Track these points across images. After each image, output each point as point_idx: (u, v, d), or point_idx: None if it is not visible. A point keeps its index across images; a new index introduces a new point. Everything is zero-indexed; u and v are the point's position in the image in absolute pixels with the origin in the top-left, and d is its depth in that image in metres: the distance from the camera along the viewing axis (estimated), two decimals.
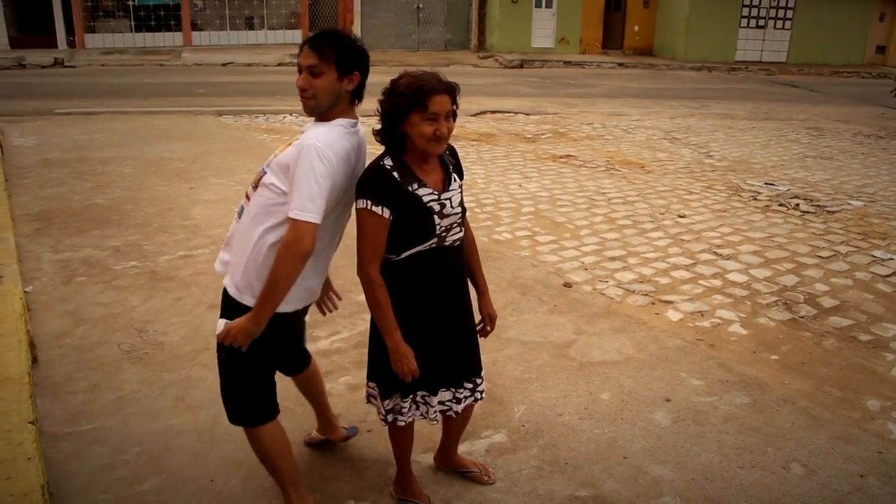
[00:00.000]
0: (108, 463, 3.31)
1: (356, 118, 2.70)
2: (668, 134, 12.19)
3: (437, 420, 2.92)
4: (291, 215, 2.43)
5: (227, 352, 2.67)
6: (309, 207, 2.42)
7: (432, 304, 2.69)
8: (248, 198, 2.69)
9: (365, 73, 2.66)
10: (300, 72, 2.59)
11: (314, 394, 3.41)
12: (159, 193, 7.68)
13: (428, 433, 3.41)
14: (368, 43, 23.61)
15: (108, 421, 3.64)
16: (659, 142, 11.48)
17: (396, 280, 2.62)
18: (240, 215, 2.72)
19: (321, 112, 2.61)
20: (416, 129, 2.50)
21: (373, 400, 2.96)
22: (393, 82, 2.56)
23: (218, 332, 2.63)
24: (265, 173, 2.63)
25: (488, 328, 3.01)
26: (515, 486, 3.23)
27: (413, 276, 2.64)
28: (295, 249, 2.43)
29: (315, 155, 2.44)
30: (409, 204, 2.55)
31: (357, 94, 2.67)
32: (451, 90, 2.54)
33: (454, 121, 2.60)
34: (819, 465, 3.42)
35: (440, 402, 2.87)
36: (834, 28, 26.75)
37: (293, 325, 2.95)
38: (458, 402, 2.92)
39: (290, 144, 2.61)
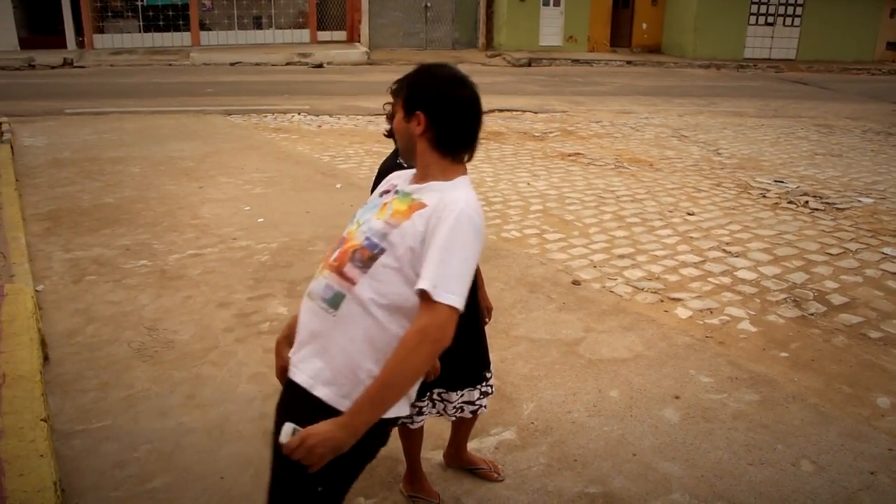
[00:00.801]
0: (118, 460, 3.33)
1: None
2: (676, 131, 12.16)
3: (454, 417, 2.93)
4: (436, 297, 1.88)
5: (288, 469, 1.98)
6: (456, 290, 1.90)
7: None
8: (342, 276, 2.03)
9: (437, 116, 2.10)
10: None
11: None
12: (168, 192, 7.72)
13: (437, 431, 3.42)
14: (376, 42, 23.62)
15: (119, 418, 3.66)
16: (667, 139, 11.45)
17: None
18: (332, 305, 2.03)
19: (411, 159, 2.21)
20: None
21: None
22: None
23: (285, 439, 1.92)
24: (377, 248, 2.01)
25: (487, 318, 3.04)
26: (525, 483, 3.23)
27: None
28: (435, 339, 1.89)
29: (472, 228, 1.98)
30: None
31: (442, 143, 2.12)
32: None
33: None
34: (829, 462, 3.42)
35: (457, 402, 2.88)
36: (844, 25, 26.60)
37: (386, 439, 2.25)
38: (472, 404, 2.94)
39: (410, 209, 2.04)
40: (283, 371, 2.22)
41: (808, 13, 26.57)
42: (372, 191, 2.55)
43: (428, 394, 2.85)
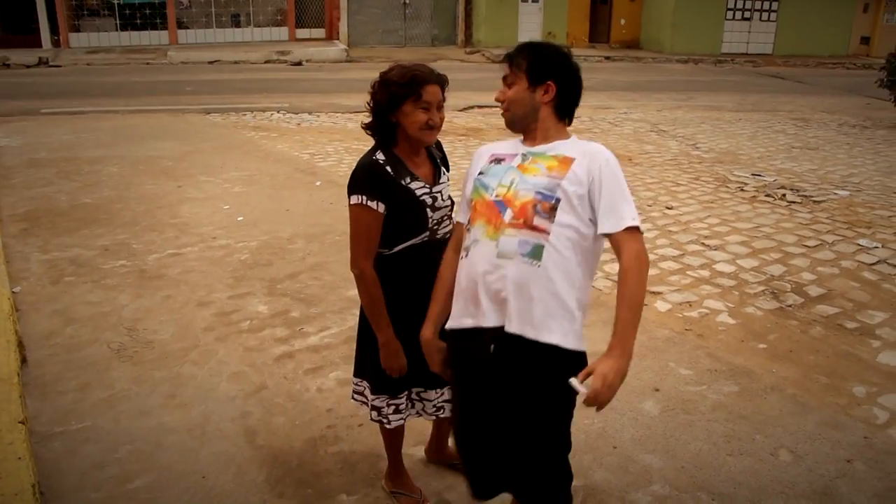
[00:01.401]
0: (99, 461, 3.31)
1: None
2: (655, 126, 12.23)
3: (434, 417, 2.93)
4: (633, 224, 2.17)
5: (550, 421, 2.31)
6: (636, 214, 2.22)
7: (425, 297, 2.69)
8: (534, 229, 2.20)
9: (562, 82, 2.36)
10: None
11: None
12: (147, 192, 7.67)
13: (419, 427, 3.42)
14: (355, 39, 23.53)
15: (99, 419, 3.64)
16: (646, 134, 11.51)
17: (389, 274, 2.63)
18: (534, 256, 2.19)
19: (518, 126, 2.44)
20: (409, 117, 2.53)
21: (358, 396, 2.96)
22: (384, 74, 2.58)
23: (585, 389, 2.09)
24: (553, 198, 2.21)
25: None
26: None
27: (406, 270, 2.65)
28: (647, 259, 2.19)
29: (616, 164, 2.26)
30: (403, 198, 2.56)
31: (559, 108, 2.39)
32: (442, 81, 2.59)
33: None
34: (806, 450, 3.46)
35: (437, 400, 2.88)
36: (819, 19, 26.86)
37: None
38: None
39: (563, 163, 2.27)
40: (443, 363, 2.50)
41: (784, 8, 26.80)
42: (364, 190, 2.53)
43: (406, 393, 2.85)
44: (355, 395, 2.97)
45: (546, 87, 2.33)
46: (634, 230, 2.17)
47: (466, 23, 26.89)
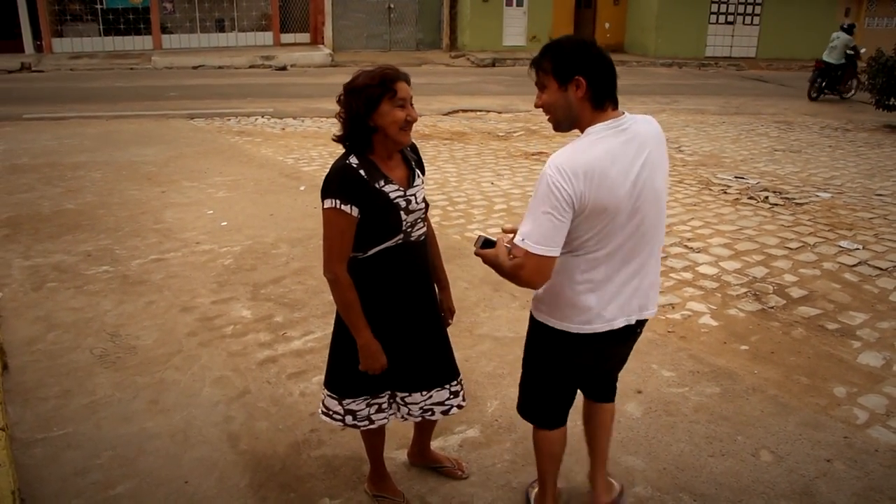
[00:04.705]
0: (80, 468, 3.30)
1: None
2: None
3: (420, 419, 2.92)
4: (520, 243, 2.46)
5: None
6: (528, 232, 2.43)
7: (401, 300, 2.70)
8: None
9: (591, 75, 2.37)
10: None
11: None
12: (131, 198, 7.64)
13: (401, 430, 3.43)
14: (339, 44, 23.46)
15: (81, 426, 3.62)
16: None
17: (364, 278, 2.63)
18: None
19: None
20: (388, 117, 2.52)
21: (325, 409, 2.89)
22: (350, 83, 2.57)
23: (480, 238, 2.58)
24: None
25: (449, 321, 3.02)
26: (489, 480, 3.26)
27: (380, 273, 2.65)
28: (518, 270, 2.49)
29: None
30: (377, 201, 2.55)
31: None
32: (407, 78, 2.61)
33: None
34: (787, 451, 3.48)
35: (423, 403, 2.87)
36: (801, 23, 27.04)
37: None
38: (441, 405, 2.92)
39: None
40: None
41: (767, 12, 26.98)
42: (338, 194, 2.52)
43: (388, 393, 2.85)
44: (323, 413, 2.90)
45: (576, 83, 2.34)
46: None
47: (451, 27, 26.92)
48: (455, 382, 2.95)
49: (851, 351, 4.54)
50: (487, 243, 2.53)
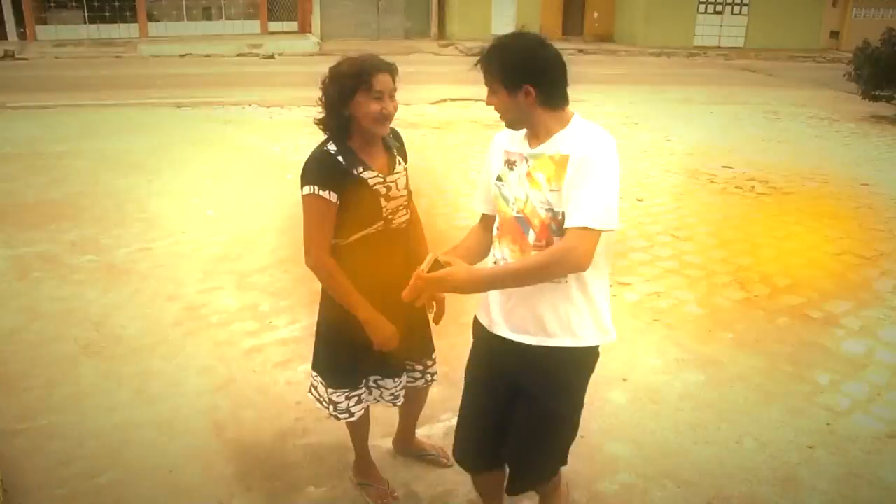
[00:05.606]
0: (64, 458, 3.29)
1: None
2: (627, 119, 12.30)
3: (391, 403, 2.92)
4: (589, 225, 2.20)
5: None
6: (599, 216, 2.21)
7: (382, 287, 2.69)
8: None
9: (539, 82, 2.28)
10: None
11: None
12: (116, 187, 7.59)
13: (386, 418, 3.42)
14: (327, 32, 23.41)
15: (65, 416, 3.61)
16: (619, 127, 11.56)
17: (344, 264, 2.61)
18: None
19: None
20: (362, 108, 2.51)
21: (313, 392, 2.94)
22: (333, 68, 2.57)
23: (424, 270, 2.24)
24: (559, 213, 2.30)
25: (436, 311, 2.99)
26: None
27: (361, 260, 2.64)
28: (575, 260, 2.23)
29: (602, 155, 2.31)
30: (356, 187, 2.54)
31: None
32: (392, 70, 2.58)
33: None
34: (770, 438, 3.51)
35: (394, 389, 2.88)
36: (789, 14, 27.12)
37: None
38: (412, 381, 2.95)
39: (560, 166, 2.27)
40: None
41: (756, 2, 27.04)
42: (316, 181, 2.52)
43: (364, 381, 2.84)
44: (311, 391, 2.96)
45: (525, 91, 2.25)
46: (585, 230, 2.11)
47: (440, 16, 26.86)
48: (425, 365, 2.97)
49: (835, 339, 4.57)
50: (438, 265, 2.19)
